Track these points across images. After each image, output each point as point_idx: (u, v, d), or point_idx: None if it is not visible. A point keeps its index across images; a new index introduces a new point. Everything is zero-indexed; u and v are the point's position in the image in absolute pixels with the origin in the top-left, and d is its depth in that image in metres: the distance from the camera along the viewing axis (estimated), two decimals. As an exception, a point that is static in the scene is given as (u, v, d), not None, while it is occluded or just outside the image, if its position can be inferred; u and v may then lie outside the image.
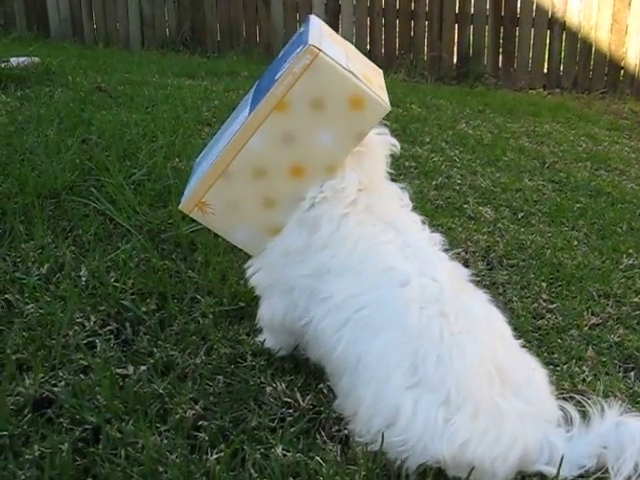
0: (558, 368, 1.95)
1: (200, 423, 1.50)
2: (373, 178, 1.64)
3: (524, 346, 1.68)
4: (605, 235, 3.03)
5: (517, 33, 7.00)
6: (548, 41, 7.01)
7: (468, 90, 6.59)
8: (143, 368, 1.66)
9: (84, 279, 2.00)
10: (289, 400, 1.61)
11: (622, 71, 6.93)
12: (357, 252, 1.55)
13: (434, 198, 3.22)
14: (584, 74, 7.02)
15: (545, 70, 7.12)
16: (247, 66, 6.22)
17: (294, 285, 1.62)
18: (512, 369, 1.47)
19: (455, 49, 7.23)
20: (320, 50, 1.49)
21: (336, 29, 7.10)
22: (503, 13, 6.99)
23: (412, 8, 7.09)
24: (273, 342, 1.77)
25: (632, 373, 2.00)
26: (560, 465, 1.41)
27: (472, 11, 7.05)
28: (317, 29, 1.64)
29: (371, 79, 1.61)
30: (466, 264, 2.46)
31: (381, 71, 1.78)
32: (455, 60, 7.24)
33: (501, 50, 7.12)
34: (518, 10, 6.96)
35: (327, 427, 1.55)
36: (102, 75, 4.70)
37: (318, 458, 1.41)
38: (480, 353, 1.43)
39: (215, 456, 1.39)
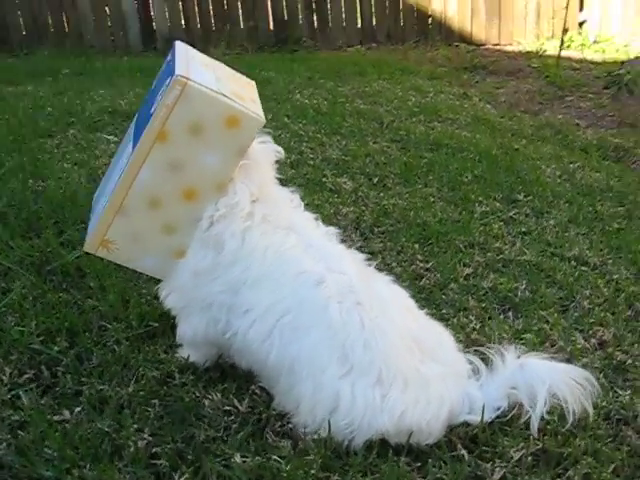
0: (449, 322, 2.17)
1: (154, 450, 1.56)
2: (263, 187, 1.74)
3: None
4: (454, 187, 3.32)
5: (328, -5, 7.22)
6: (358, 0, 7.28)
7: (290, 56, 6.73)
8: (78, 409, 1.68)
9: (-17, 330, 1.95)
10: (228, 408, 1.71)
11: (430, 19, 7.37)
12: (268, 262, 1.65)
13: (293, 177, 3.34)
14: (396, 26, 7.39)
15: (359, 26, 7.41)
16: (65, 62, 5.96)
17: (211, 302, 1.69)
18: (425, 338, 1.66)
19: (270, 16, 7.32)
20: (188, 79, 1.56)
21: (147, 8, 6.96)
22: (312, -24, 7.17)
23: (221, -20, 7.08)
24: (197, 356, 1.84)
25: (510, 313, 2.26)
26: (483, 412, 1.62)
27: (282, -24, 7.17)
28: (183, 56, 1.69)
29: (243, 95, 1.70)
30: (342, 239, 2.63)
31: (253, 83, 1.86)
32: (272, 27, 7.34)
33: (315, 12, 7.30)
34: (325, -28, 7.17)
35: (271, 426, 1.66)
36: None
37: (275, 457, 1.52)
38: (398, 331, 1.60)
39: (182, 478, 1.47)
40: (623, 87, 5.43)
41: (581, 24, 7.34)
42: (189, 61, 1.66)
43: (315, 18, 7.33)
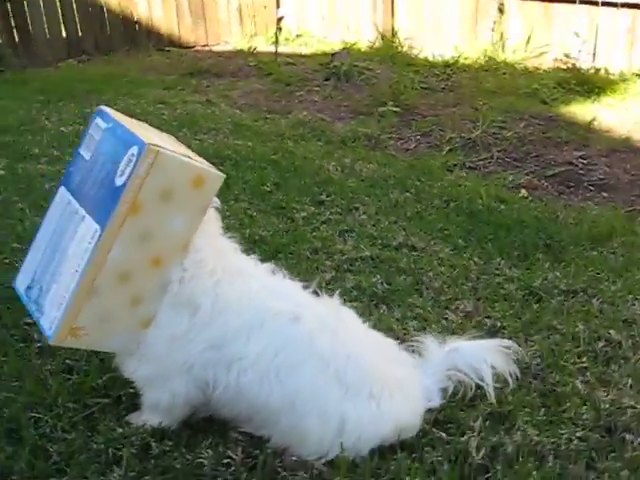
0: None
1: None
2: (214, 238, 1.81)
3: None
4: (263, 197, 3.53)
5: (26, 8, 6.79)
6: (60, 11, 6.97)
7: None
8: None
9: None
10: (226, 461, 1.77)
11: (137, 26, 7.34)
12: (244, 311, 1.74)
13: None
14: (103, 35, 7.24)
15: (65, 38, 7.10)
16: None
17: (193, 363, 1.74)
18: (383, 346, 1.90)
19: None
20: (158, 146, 1.57)
21: None
22: (6, -11, 6.69)
23: None
24: (168, 421, 1.85)
25: (384, 306, 2.56)
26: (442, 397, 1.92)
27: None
28: (125, 122, 1.67)
29: (189, 153, 1.74)
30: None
31: (172, 137, 1.88)
32: (-32, 46, 6.72)
33: (15, 27, 6.83)
34: (19, -16, 6.74)
35: (270, 465, 1.76)
36: None
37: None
38: (371, 349, 1.82)
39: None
40: (342, 77, 6.09)
41: (279, 20, 7.89)
42: (135, 127, 1.65)
43: (16, 35, 6.85)
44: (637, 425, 1.93)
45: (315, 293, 1.94)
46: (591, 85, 5.33)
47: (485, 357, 1.98)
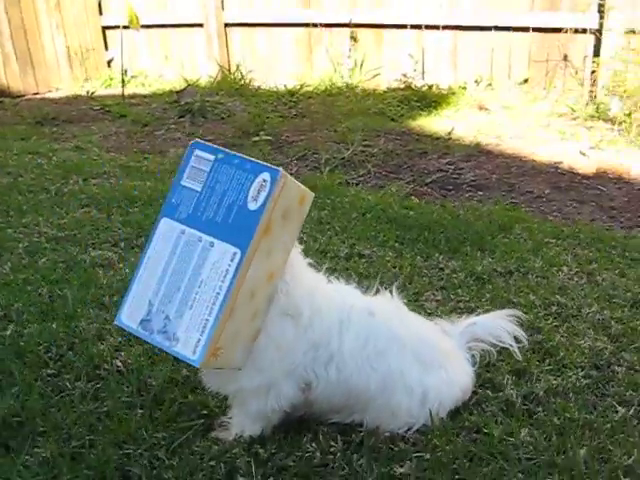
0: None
1: None
2: (297, 252, 2.00)
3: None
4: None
5: None
6: None
7: None
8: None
9: None
10: (332, 449, 2.01)
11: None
12: (332, 311, 2.00)
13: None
14: None
15: None
16: None
17: (297, 365, 1.95)
18: (432, 327, 2.26)
19: None
20: (284, 171, 1.73)
21: None
22: None
23: None
24: (267, 427, 2.05)
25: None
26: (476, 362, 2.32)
27: None
28: (229, 151, 1.80)
29: None
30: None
31: None
32: None
33: None
34: None
35: (368, 444, 2.03)
36: None
37: (414, 456, 1.96)
38: (426, 329, 2.18)
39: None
40: (196, 113, 6.32)
41: (109, 62, 7.90)
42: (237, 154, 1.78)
43: None
44: (616, 360, 2.46)
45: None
46: (428, 100, 6.07)
47: (501, 325, 2.40)
